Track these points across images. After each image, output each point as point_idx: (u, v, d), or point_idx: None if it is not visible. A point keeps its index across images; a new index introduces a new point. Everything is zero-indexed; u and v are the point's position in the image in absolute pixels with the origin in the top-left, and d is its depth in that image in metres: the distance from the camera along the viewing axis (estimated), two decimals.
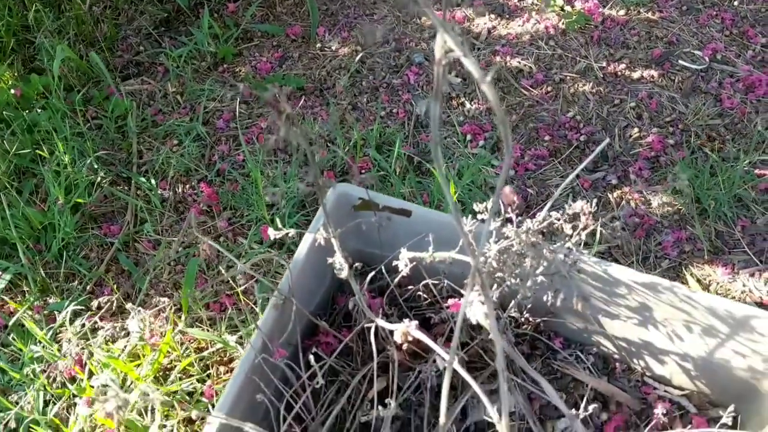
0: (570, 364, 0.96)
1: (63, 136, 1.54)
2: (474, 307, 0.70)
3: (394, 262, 0.86)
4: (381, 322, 0.77)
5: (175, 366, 1.25)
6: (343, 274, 0.77)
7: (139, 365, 1.25)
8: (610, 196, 1.44)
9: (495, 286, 0.79)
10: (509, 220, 0.83)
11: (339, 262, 0.76)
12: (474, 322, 0.69)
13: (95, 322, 1.31)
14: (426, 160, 1.46)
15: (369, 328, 0.81)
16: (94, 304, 1.32)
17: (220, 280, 1.34)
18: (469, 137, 1.50)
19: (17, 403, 1.21)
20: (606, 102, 1.58)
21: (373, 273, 0.89)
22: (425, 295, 0.93)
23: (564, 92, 1.59)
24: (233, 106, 1.62)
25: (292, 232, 0.74)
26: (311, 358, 0.79)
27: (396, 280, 0.88)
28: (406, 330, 0.74)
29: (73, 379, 1.25)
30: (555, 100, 1.58)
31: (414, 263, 0.86)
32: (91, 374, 1.25)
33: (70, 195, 1.46)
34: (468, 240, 0.49)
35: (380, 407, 0.76)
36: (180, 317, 1.29)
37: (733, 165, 1.44)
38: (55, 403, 1.23)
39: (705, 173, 1.42)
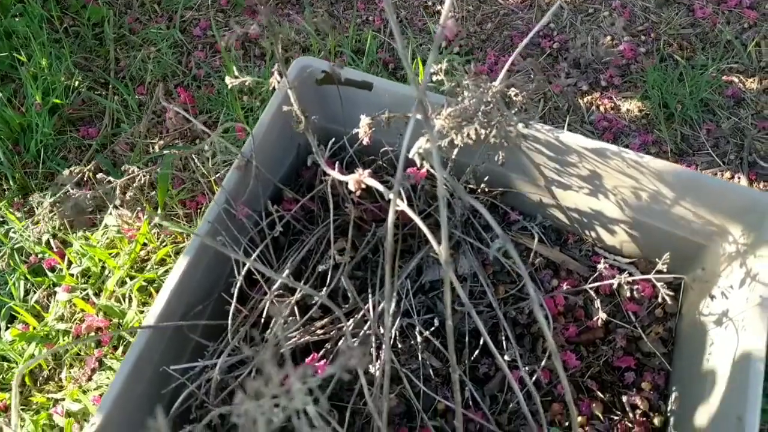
0: (525, 234, 1.00)
1: (40, 41, 1.55)
2: (418, 141, 0.73)
3: (355, 130, 0.90)
4: (335, 174, 0.81)
5: (152, 257, 1.29)
6: (301, 127, 0.80)
7: (117, 255, 1.28)
8: (580, 101, 1.46)
9: (448, 143, 0.82)
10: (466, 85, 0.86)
11: (296, 113, 0.79)
12: (413, 156, 0.72)
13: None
14: (401, 66, 1.48)
15: (325, 182, 0.85)
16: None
17: (195, 179, 1.37)
18: (443, 44, 1.52)
19: None
20: (580, 11, 1.59)
21: (333, 140, 0.92)
22: (385, 165, 0.96)
23: (539, 1, 1.60)
24: (210, 15, 1.62)
25: (249, 79, 0.76)
26: (272, 210, 0.82)
27: (356, 146, 0.91)
28: (358, 178, 0.78)
29: (53, 269, 1.29)
30: (530, 9, 1.59)
31: (373, 129, 0.89)
32: (70, 263, 1.29)
33: (48, 97, 1.47)
34: (411, 73, 0.52)
35: (336, 254, 0.80)
36: (157, 212, 1.32)
37: (702, 72, 1.46)
38: (35, 292, 1.27)
39: (673, 79, 1.45)
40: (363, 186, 0.78)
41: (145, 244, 1.30)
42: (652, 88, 1.44)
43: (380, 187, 0.75)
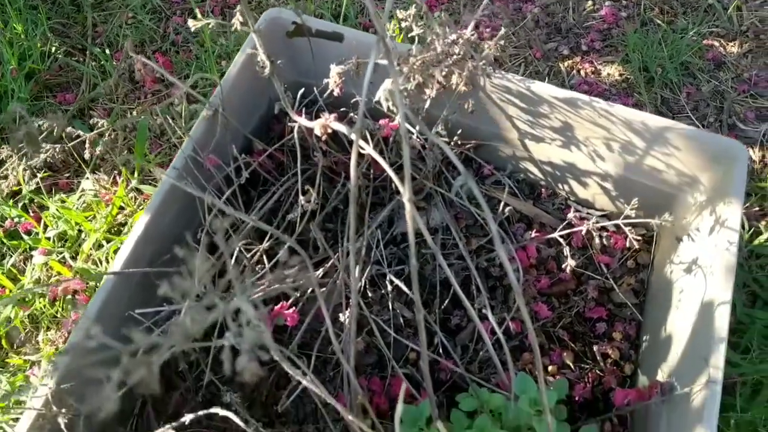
0: (498, 188, 0.99)
1: (17, 7, 1.54)
2: (383, 84, 0.73)
3: (325, 80, 0.89)
4: (302, 121, 0.80)
5: (129, 220, 1.28)
6: (267, 71, 0.79)
7: (93, 218, 1.28)
8: (561, 65, 1.46)
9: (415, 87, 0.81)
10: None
11: (262, 59, 0.78)
12: (378, 99, 0.72)
13: (52, 183, 1.33)
14: None
15: (295, 131, 0.84)
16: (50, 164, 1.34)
17: (173, 143, 1.36)
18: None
19: None
20: None
21: (303, 90, 0.91)
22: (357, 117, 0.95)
23: None
24: None
25: (212, 21, 0.75)
26: (238, 156, 0.82)
27: (325, 95, 0.90)
28: (324, 122, 0.77)
29: (29, 233, 1.29)
30: None
31: (343, 80, 0.88)
32: (46, 227, 1.28)
33: (24, 63, 1.46)
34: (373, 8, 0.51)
35: (304, 201, 0.79)
36: (134, 175, 1.31)
37: (682, 35, 1.46)
38: (11, 255, 1.27)
39: (654, 43, 1.44)
40: (329, 131, 0.78)
41: (122, 208, 1.30)
42: (633, 51, 1.44)
43: (344, 130, 0.74)
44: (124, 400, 0.85)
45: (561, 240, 0.92)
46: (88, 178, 1.33)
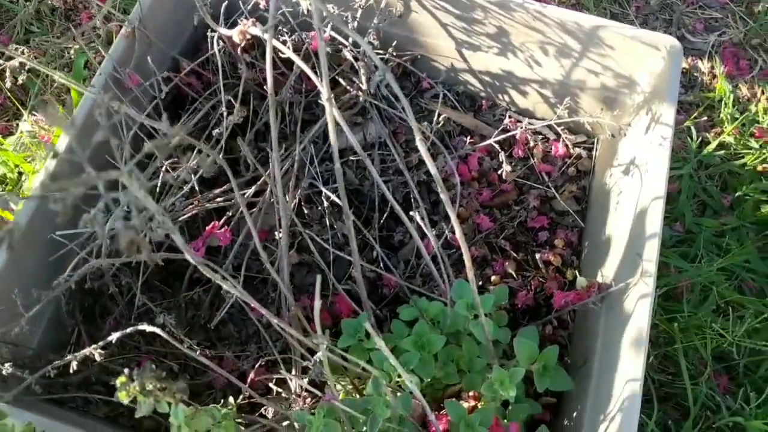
0: (437, 101, 0.97)
1: None
2: None
3: None
4: (222, 30, 0.77)
5: None
6: None
7: (32, 159, 1.24)
8: None
9: None
10: None
11: None
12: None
13: None
14: None
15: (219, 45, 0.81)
16: None
17: None
18: None
19: None
20: None
21: (227, 3, 0.88)
22: (286, 30, 0.92)
23: None
24: None
25: None
26: (156, 71, 0.79)
27: (250, 5, 0.86)
28: (243, 28, 0.74)
29: None
30: None
31: None
32: None
33: None
34: None
35: (227, 113, 0.77)
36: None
37: None
38: None
39: None
40: (248, 37, 0.75)
41: None
42: None
43: (259, 33, 0.71)
44: (58, 330, 0.83)
45: (497, 146, 0.90)
46: (25, 120, 1.29)
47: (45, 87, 1.33)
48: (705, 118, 1.27)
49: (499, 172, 0.86)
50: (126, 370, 0.52)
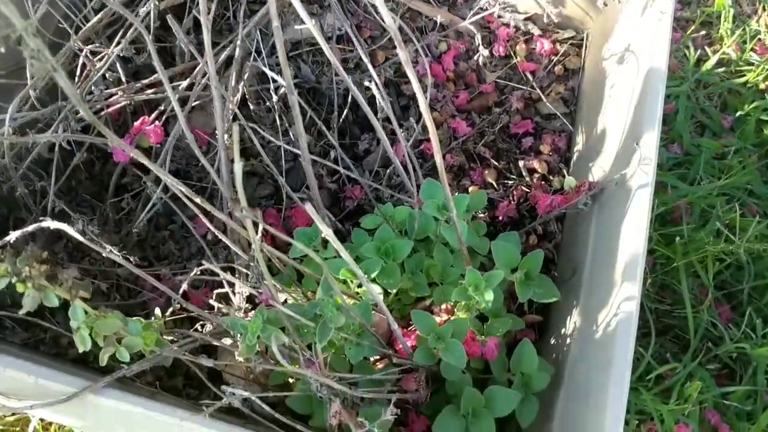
0: None
1: None
2: None
3: None
4: None
5: None
6: None
7: None
8: None
9: None
10: None
11: None
12: None
13: None
14: None
15: None
16: None
17: None
18: None
19: None
20: None
21: None
22: None
23: None
24: None
25: None
26: None
27: None
28: None
29: None
30: None
31: None
32: None
33: None
34: None
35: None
36: None
37: None
38: None
39: None
40: None
41: None
42: None
43: None
44: None
45: (476, 40, 0.79)
46: None
47: None
48: (703, 32, 1.17)
49: (477, 63, 0.75)
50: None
